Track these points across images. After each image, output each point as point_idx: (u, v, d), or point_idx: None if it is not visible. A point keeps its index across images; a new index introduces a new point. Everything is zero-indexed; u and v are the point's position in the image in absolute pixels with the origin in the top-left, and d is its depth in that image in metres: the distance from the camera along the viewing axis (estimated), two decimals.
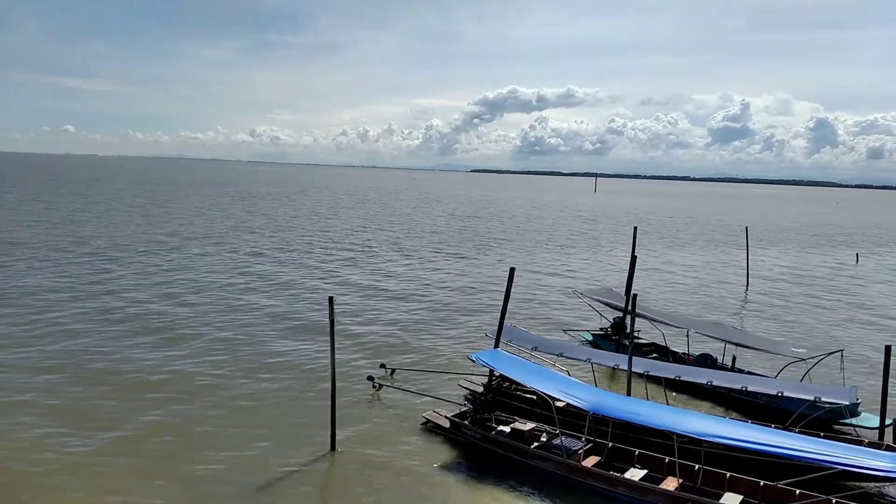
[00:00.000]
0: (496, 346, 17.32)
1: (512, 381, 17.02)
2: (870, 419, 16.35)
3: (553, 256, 49.55)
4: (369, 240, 54.26)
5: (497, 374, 16.53)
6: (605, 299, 25.53)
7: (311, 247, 48.09)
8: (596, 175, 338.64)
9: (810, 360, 18.68)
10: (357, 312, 28.15)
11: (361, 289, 33.44)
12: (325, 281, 35.06)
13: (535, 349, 18.62)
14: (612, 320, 24.45)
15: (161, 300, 28.59)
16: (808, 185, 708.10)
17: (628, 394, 15.89)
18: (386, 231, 62.24)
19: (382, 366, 20.29)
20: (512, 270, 17.17)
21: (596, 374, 19.11)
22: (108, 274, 33.76)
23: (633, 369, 16.28)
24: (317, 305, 28.48)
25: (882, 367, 15.39)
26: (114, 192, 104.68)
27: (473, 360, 16.40)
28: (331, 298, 15.10)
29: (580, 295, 27.61)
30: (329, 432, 14.81)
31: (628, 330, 18.00)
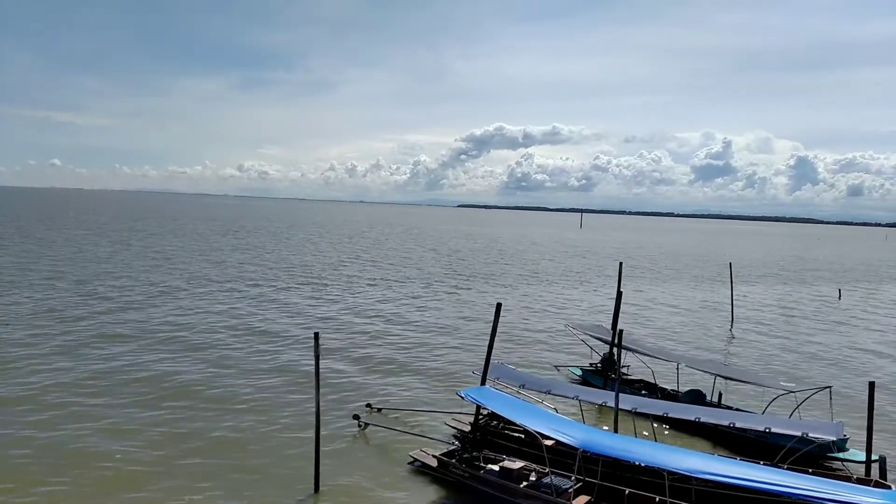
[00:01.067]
0: (482, 383, 17.18)
1: (500, 419, 16.84)
2: (857, 455, 16.35)
3: (540, 292, 49.58)
4: (355, 275, 54.06)
5: (485, 411, 16.34)
6: (594, 334, 25.57)
7: (295, 282, 47.80)
8: (581, 210, 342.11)
9: (799, 394, 18.72)
10: (342, 349, 27.86)
11: (346, 325, 33.18)
12: (310, 317, 34.78)
13: (522, 386, 18.48)
14: (601, 356, 24.44)
15: (139, 337, 28.17)
16: (790, 221, 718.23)
17: (615, 431, 15.76)
18: (371, 266, 62.08)
19: (368, 405, 20.00)
20: (498, 306, 17.13)
21: (584, 411, 18.97)
22: (82, 307, 33.29)
23: (622, 406, 16.18)
24: (301, 342, 28.20)
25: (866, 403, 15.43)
26: (95, 224, 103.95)
27: (462, 397, 16.23)
28: (316, 335, 14.96)
29: (571, 329, 27.61)
30: (313, 472, 14.52)
31: (617, 365, 17.94)
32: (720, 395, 20.70)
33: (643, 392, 21.94)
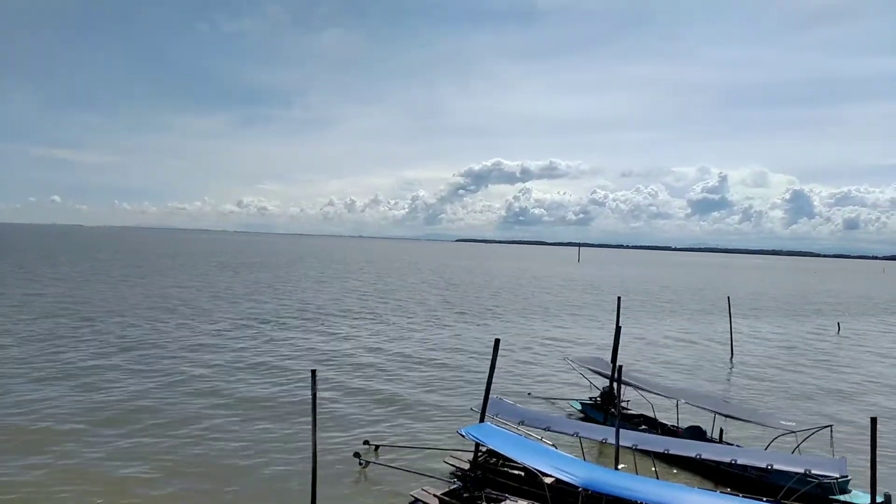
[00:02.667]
0: (481, 419, 17.06)
1: (501, 457, 16.68)
2: (859, 497, 16.13)
3: (539, 326, 49.47)
4: (352, 310, 53.97)
5: (484, 448, 16.19)
6: (595, 368, 25.45)
7: (292, 317, 47.69)
8: (579, 245, 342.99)
9: (800, 433, 18.59)
10: (340, 386, 27.71)
11: (344, 361, 33.03)
12: (308, 352, 34.64)
13: (521, 423, 18.35)
14: (601, 390, 24.32)
15: (140, 375, 28.01)
16: (787, 254, 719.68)
17: (616, 468, 15.61)
18: (369, 301, 62.01)
19: (366, 442, 19.83)
20: (497, 342, 17.11)
21: (584, 447, 18.82)
22: (72, 350, 33.15)
23: (622, 442, 16.06)
24: (298, 379, 28.04)
25: (869, 439, 15.32)
26: (96, 261, 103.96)
27: (463, 435, 16.10)
28: (313, 372, 14.91)
29: (571, 363, 27.51)
30: None
31: (617, 400, 17.84)
32: (721, 431, 20.56)
33: (643, 427, 21.78)
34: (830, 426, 18.89)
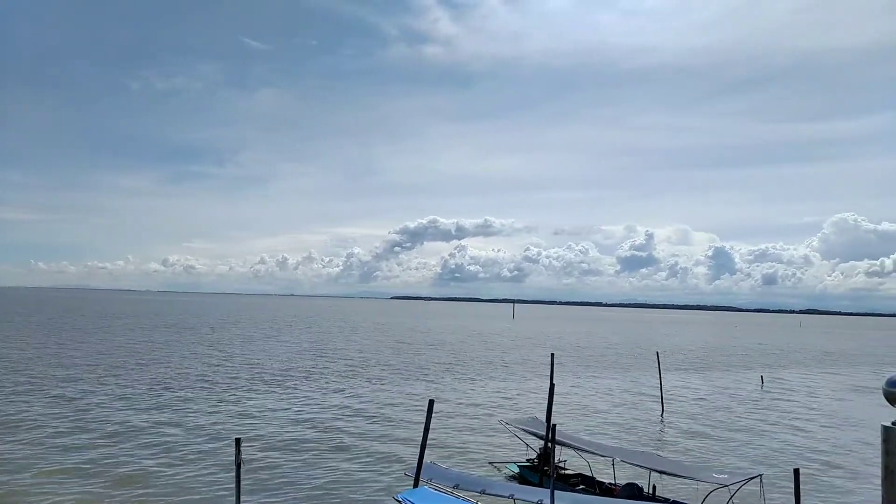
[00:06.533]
0: (415, 484, 16.45)
1: None
2: None
3: (474, 385, 49.01)
4: (279, 372, 52.11)
5: None
6: (529, 429, 25.12)
7: (213, 381, 45.59)
8: (514, 301, 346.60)
9: (732, 486, 18.75)
10: (265, 452, 26.34)
11: (269, 425, 31.54)
12: (230, 418, 32.96)
13: (456, 486, 17.78)
14: (537, 451, 24.00)
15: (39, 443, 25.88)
16: (711, 309, 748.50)
17: None
18: (295, 361, 60.13)
19: None
20: (431, 403, 16.70)
21: None
22: None
23: (559, 503, 15.73)
24: (221, 446, 26.53)
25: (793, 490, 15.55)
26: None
27: (399, 501, 15.44)
28: (237, 440, 14.08)
29: (505, 425, 27.13)
30: None
31: (552, 461, 17.56)
32: (654, 487, 20.57)
33: (581, 487, 21.54)
34: (760, 476, 19.16)
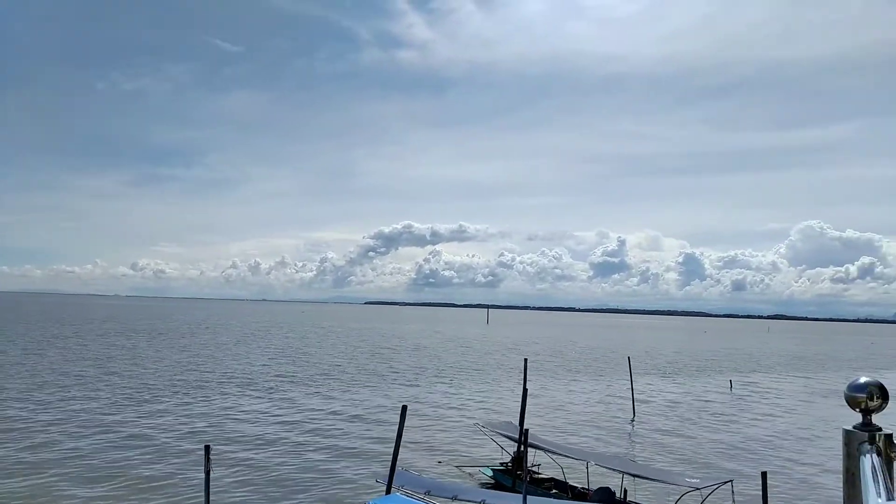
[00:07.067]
0: (388, 491, 16.34)
1: None
2: None
3: (449, 390, 48.93)
4: (250, 377, 51.48)
5: None
6: (504, 433, 25.20)
7: (183, 388, 44.88)
8: (488, 306, 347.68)
9: (704, 490, 18.99)
10: (234, 460, 25.97)
11: (239, 432, 31.11)
12: (199, 425, 32.44)
13: (428, 493, 17.71)
14: (511, 455, 24.05)
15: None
16: (681, 314, 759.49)
17: None
18: (268, 367, 59.48)
19: None
20: (404, 408, 16.62)
21: None
22: None
23: None
24: (191, 454, 26.09)
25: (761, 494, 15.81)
26: None
27: None
28: (207, 447, 13.86)
29: (481, 428, 27.14)
30: None
31: (524, 465, 17.60)
32: (625, 491, 20.75)
33: (554, 491, 21.62)
34: (731, 480, 19.42)
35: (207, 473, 13.61)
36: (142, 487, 21.72)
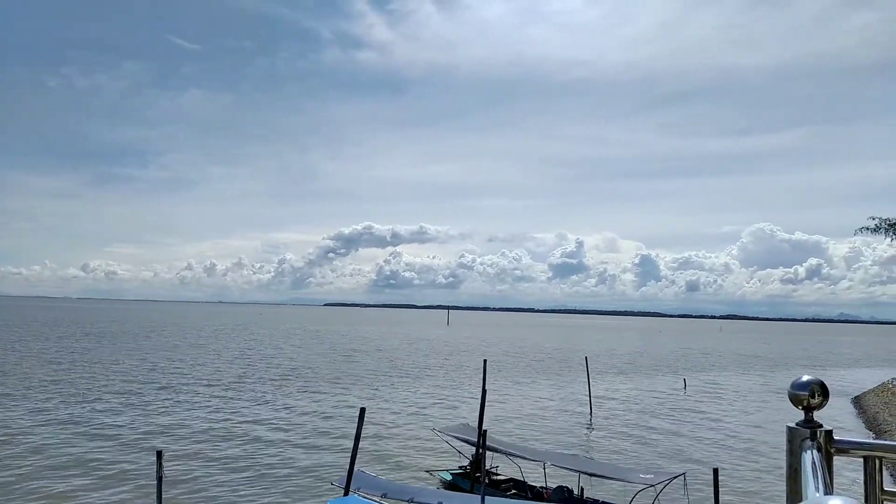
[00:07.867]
0: (346, 493, 16.21)
1: None
2: None
3: (407, 392, 48.80)
4: (203, 380, 50.46)
5: None
6: (462, 436, 25.18)
7: (134, 390, 43.74)
8: (448, 307, 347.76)
9: (658, 485, 19.38)
10: (189, 464, 25.40)
11: (194, 437, 30.44)
12: (152, 430, 31.64)
13: (384, 495, 17.64)
14: (469, 458, 24.07)
15: None
16: (638, 315, 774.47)
17: None
18: (223, 370, 58.38)
19: None
20: (362, 411, 16.51)
21: None
22: None
23: None
24: (141, 458, 25.41)
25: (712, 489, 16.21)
26: None
27: None
28: (159, 453, 13.53)
29: (437, 433, 27.10)
30: None
31: (483, 467, 17.67)
32: (582, 490, 21.08)
33: (513, 492, 21.76)
34: (684, 474, 19.90)
35: (160, 479, 13.29)
36: (91, 496, 21.05)
